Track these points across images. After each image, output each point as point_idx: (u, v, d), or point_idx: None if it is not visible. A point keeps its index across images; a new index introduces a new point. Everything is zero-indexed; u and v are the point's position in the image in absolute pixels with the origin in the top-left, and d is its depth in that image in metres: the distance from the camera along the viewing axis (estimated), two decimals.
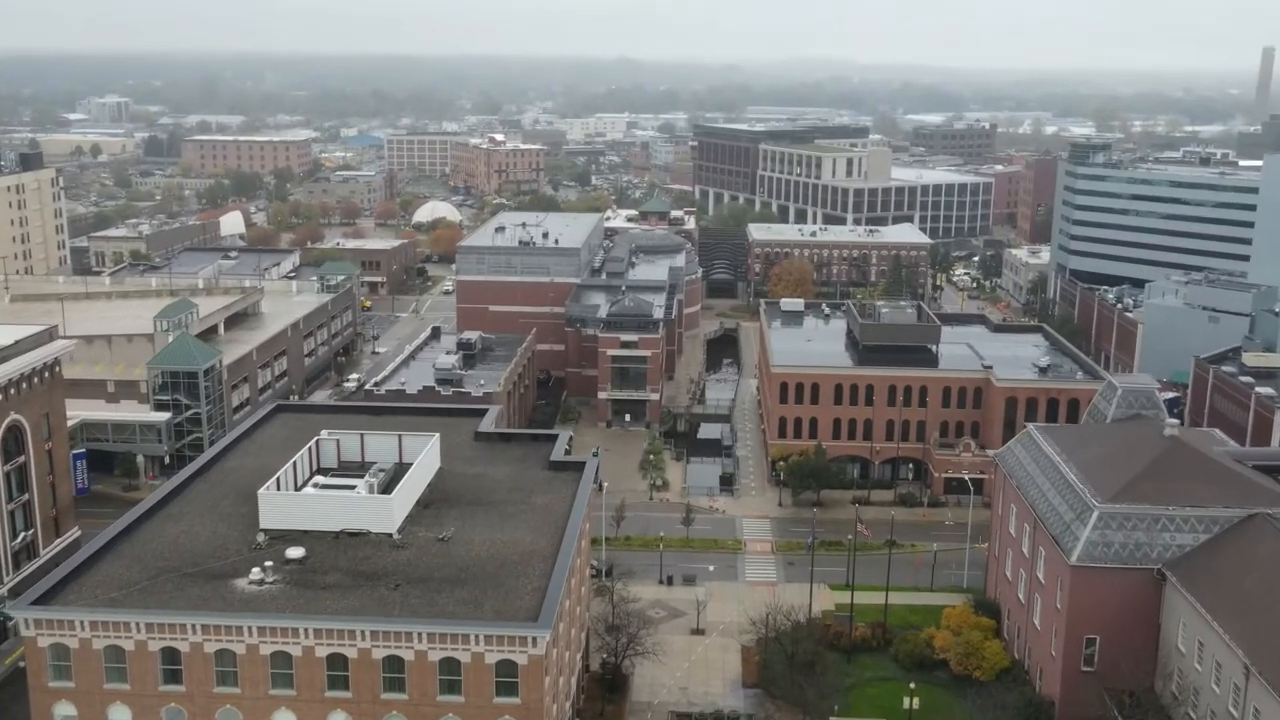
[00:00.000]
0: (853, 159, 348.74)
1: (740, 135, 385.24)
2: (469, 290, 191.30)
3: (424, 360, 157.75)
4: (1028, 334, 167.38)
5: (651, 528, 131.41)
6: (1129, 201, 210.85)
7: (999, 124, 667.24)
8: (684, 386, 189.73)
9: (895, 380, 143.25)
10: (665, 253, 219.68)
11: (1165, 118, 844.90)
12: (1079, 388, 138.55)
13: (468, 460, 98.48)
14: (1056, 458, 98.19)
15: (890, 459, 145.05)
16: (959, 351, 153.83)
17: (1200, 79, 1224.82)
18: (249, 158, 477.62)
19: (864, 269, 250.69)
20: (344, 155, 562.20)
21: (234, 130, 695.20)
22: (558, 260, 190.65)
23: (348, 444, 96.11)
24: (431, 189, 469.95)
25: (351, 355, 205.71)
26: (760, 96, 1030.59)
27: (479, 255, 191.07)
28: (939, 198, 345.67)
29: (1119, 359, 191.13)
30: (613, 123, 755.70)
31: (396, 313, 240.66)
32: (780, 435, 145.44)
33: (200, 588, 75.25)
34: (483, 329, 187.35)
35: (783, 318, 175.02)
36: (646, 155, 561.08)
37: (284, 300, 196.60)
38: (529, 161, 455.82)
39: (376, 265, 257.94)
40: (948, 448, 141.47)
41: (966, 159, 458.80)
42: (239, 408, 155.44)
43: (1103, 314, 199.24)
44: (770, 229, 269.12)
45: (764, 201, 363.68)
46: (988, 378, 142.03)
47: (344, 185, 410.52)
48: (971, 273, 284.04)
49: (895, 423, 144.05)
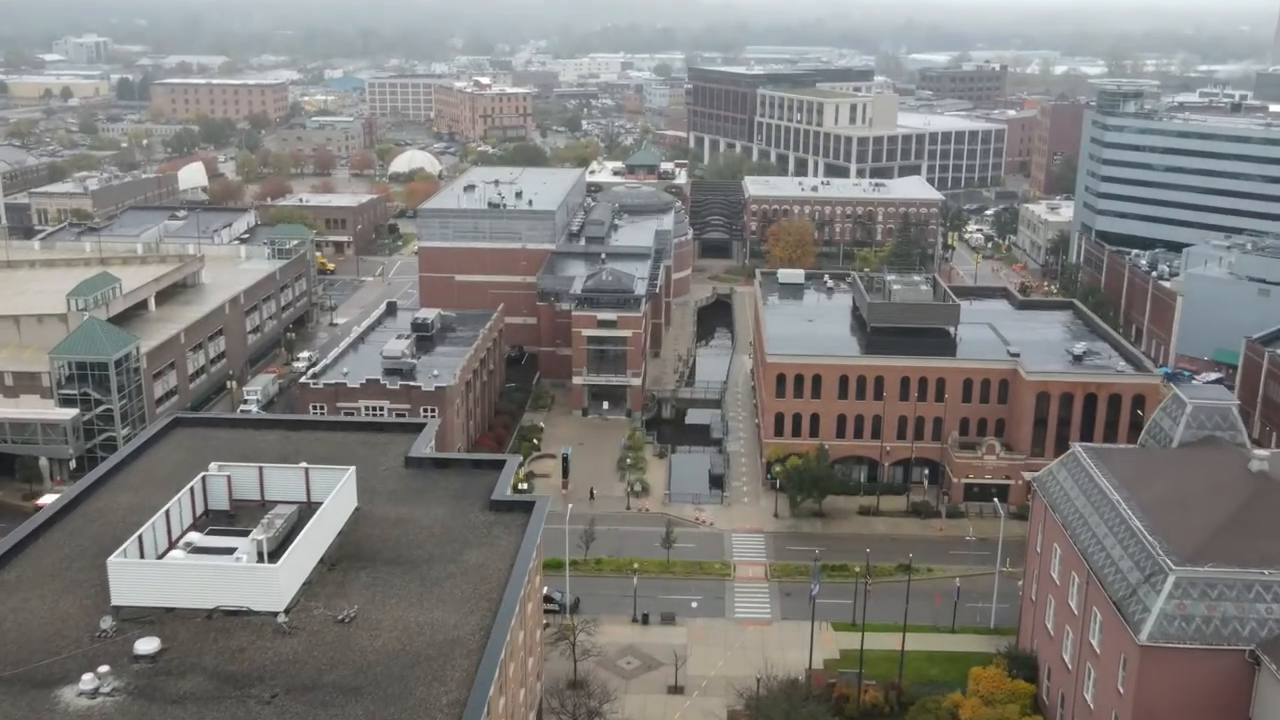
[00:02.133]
0: (856, 105, 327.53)
1: (738, 79, 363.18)
2: (432, 258, 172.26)
3: (374, 343, 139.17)
4: (1057, 311, 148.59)
5: (627, 546, 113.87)
6: (1164, 156, 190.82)
7: (1006, 64, 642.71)
8: (671, 364, 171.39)
9: (908, 371, 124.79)
10: (652, 213, 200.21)
11: (1178, 56, 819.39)
12: (1122, 382, 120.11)
13: (392, 497, 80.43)
14: (1114, 494, 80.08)
15: (902, 460, 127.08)
16: (980, 335, 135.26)
17: (1209, 15, 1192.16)
18: (222, 102, 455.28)
19: (869, 227, 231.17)
20: (325, 99, 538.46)
21: (214, 72, 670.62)
22: (531, 224, 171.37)
23: (243, 479, 77.94)
24: (414, 135, 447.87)
25: (307, 327, 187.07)
26: (759, 35, 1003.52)
27: (443, 219, 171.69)
28: (948, 146, 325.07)
29: (1153, 334, 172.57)
30: (607, 63, 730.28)
31: (361, 276, 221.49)
32: (777, 433, 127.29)
33: (14, 702, 57.45)
34: (448, 301, 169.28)
35: (780, 291, 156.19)
36: (640, 99, 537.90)
37: (230, 268, 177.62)
38: (516, 106, 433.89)
39: (342, 223, 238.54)
40: (968, 449, 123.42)
41: (976, 102, 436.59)
42: (165, 398, 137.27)
43: (1135, 282, 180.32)
44: (768, 183, 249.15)
45: (762, 150, 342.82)
46: (1015, 368, 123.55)
47: (320, 132, 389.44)
48: (985, 229, 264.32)
49: (908, 419, 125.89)
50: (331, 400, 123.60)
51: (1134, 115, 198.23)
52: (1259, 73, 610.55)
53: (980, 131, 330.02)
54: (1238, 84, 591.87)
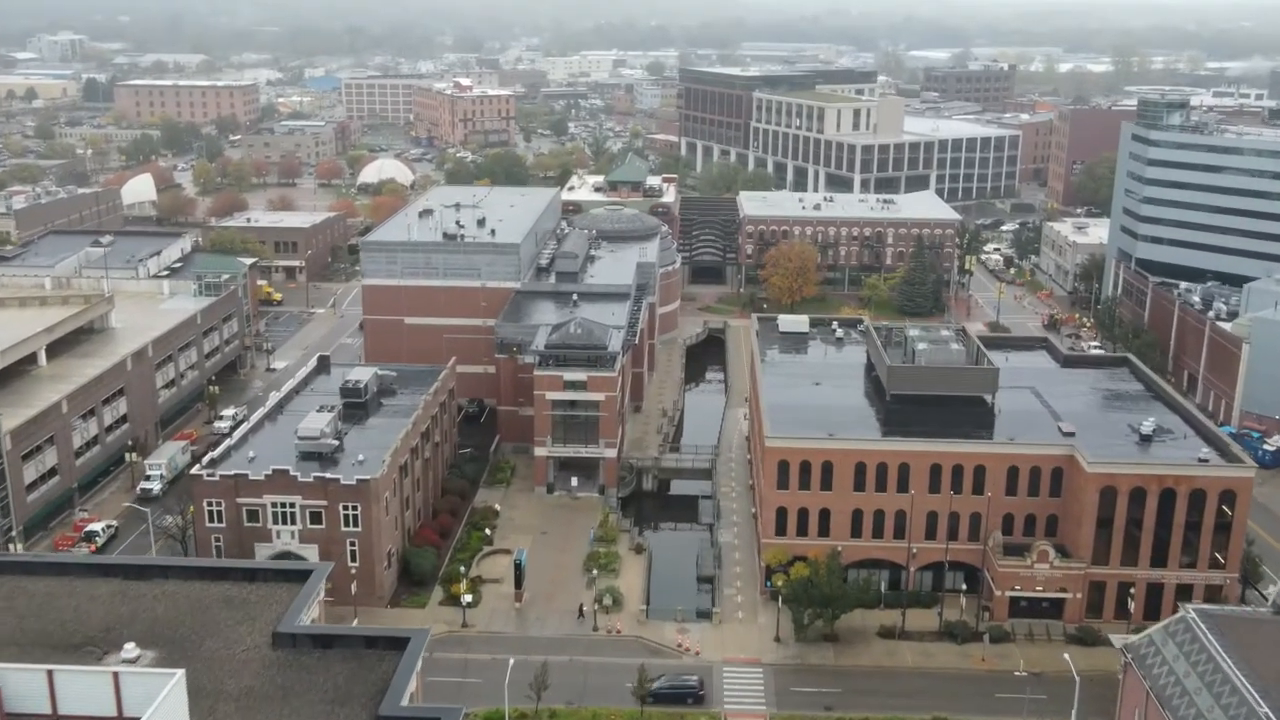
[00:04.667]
0: (860, 109, 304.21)
1: (732, 81, 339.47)
2: (378, 298, 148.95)
3: (296, 412, 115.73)
4: (1109, 369, 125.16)
5: (590, 690, 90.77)
6: (1216, 175, 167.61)
7: (1012, 62, 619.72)
8: (654, 421, 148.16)
9: (940, 457, 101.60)
10: (635, 239, 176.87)
11: (1186, 54, 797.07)
12: (1208, 475, 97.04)
13: (244, 703, 57.34)
14: (1248, 690, 57.05)
15: (932, 564, 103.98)
16: (1023, 404, 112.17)
17: (1210, 11, 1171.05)
18: (189, 105, 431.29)
19: (878, 250, 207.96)
20: (301, 100, 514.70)
21: (191, 71, 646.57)
22: (492, 259, 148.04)
23: (22, 687, 54.78)
24: (390, 140, 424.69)
25: (239, 375, 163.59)
26: (755, 31, 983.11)
27: (389, 253, 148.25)
28: (958, 154, 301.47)
29: (1210, 384, 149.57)
30: (598, 62, 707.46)
31: (311, 308, 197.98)
32: (778, 532, 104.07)
33: None
34: (396, 347, 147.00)
35: (780, 343, 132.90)
36: (631, 99, 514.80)
37: (149, 308, 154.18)
38: (498, 109, 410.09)
39: (293, 246, 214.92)
40: (1015, 554, 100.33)
41: (984, 104, 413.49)
42: (40, 481, 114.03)
43: (1187, 323, 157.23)
44: (765, 200, 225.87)
45: (759, 158, 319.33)
46: (1073, 454, 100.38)
47: (289, 138, 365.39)
48: (1003, 249, 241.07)
49: (940, 516, 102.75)
50: (230, 496, 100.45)
51: (1179, 128, 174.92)
52: (1274, 70, 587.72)
53: (993, 138, 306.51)
54: (1250, 83, 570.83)
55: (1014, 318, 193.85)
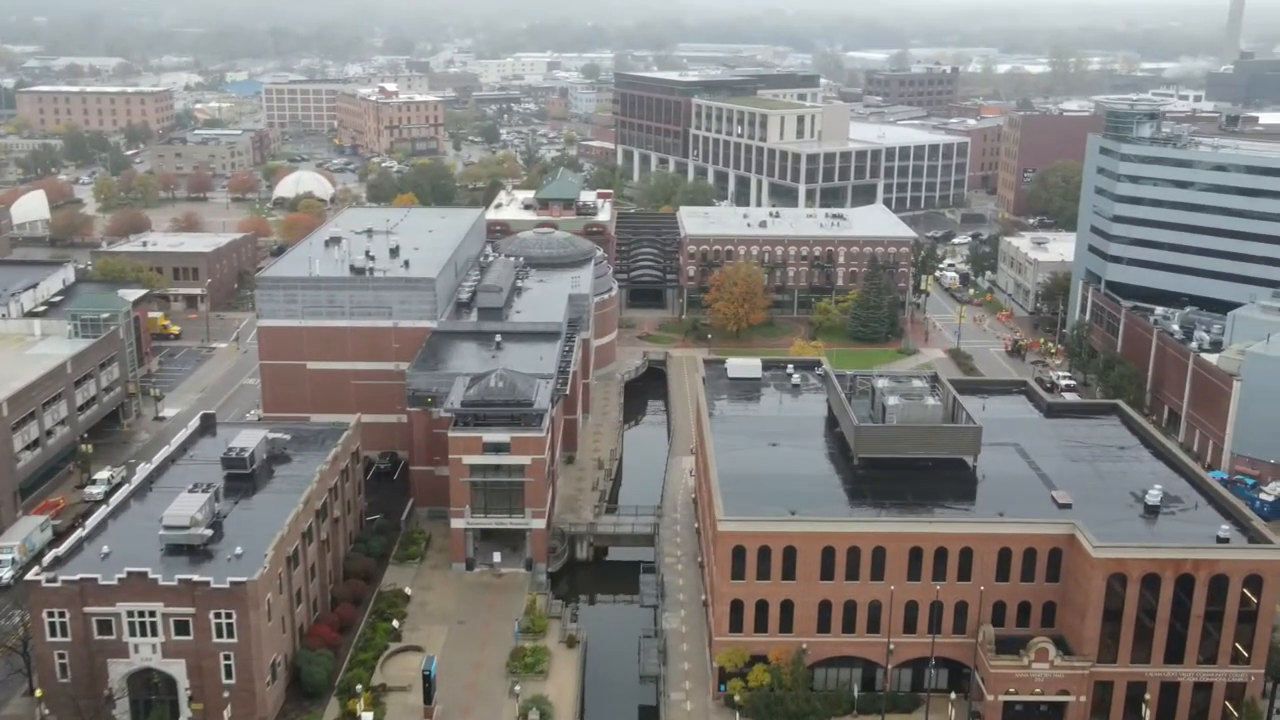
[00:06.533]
0: (804, 116, 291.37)
1: (671, 87, 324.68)
2: (276, 341, 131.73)
3: (167, 489, 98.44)
4: (1099, 418, 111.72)
5: None
6: (1196, 193, 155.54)
7: (949, 63, 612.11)
8: (589, 474, 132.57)
9: (921, 539, 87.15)
10: (567, 266, 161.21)
11: (1121, 54, 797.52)
12: (1231, 559, 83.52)
13: None
14: None
15: (912, 660, 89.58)
16: (1009, 466, 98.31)
17: (1138, 11, 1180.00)
18: (98, 112, 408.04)
19: (829, 271, 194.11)
20: (220, 106, 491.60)
21: (108, 75, 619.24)
22: (405, 296, 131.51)
23: None
24: (313, 148, 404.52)
25: (121, 427, 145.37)
26: (692, 32, 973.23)
27: (289, 290, 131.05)
28: (906, 162, 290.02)
29: (1195, 423, 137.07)
30: (532, 64, 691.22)
31: (212, 343, 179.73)
32: (733, 628, 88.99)
33: None
34: (297, 396, 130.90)
35: (730, 391, 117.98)
36: (565, 104, 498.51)
37: (15, 353, 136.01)
38: (426, 115, 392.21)
39: (194, 273, 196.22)
40: (1010, 651, 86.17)
41: (928, 108, 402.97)
42: None
43: (1167, 354, 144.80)
44: (708, 216, 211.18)
45: (699, 167, 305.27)
46: (1073, 533, 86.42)
47: (202, 148, 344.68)
48: (957, 265, 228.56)
49: (920, 605, 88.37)
50: (76, 605, 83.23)
51: (1151, 141, 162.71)
52: (1209, 72, 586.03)
53: (941, 145, 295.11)
54: (1186, 84, 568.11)
55: (975, 343, 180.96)
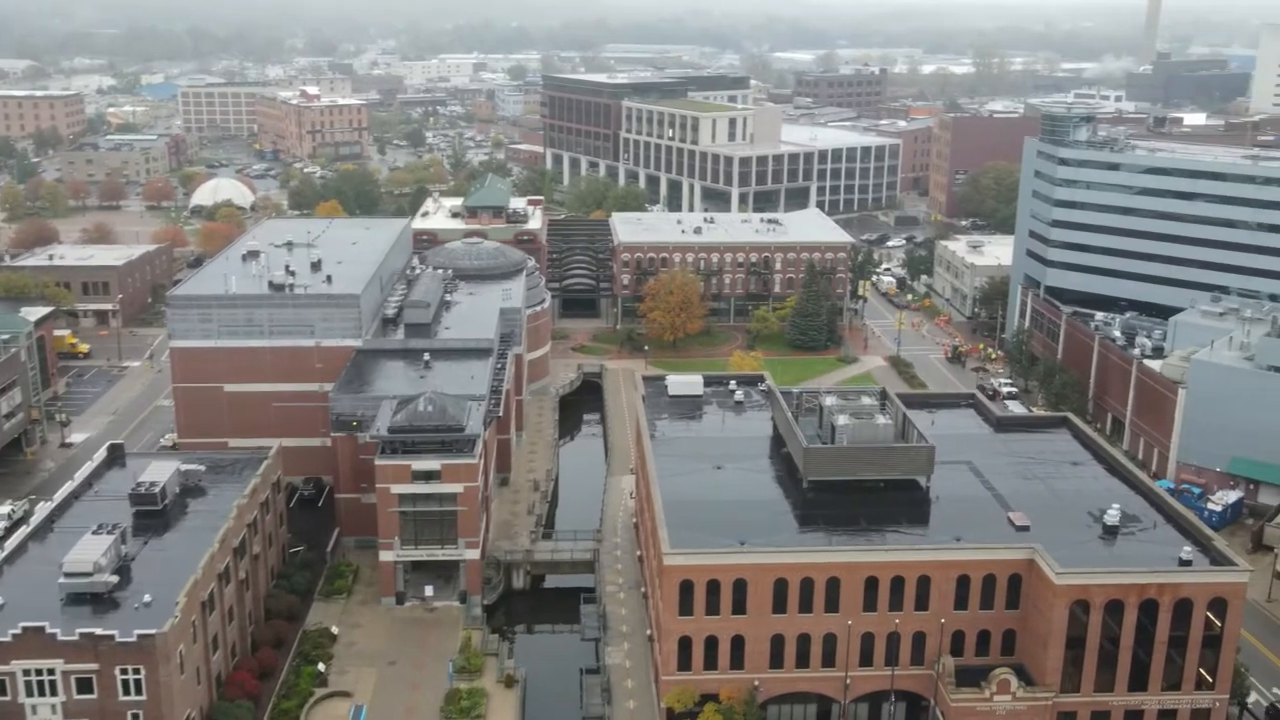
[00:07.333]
0: (735, 118, 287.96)
1: (599, 89, 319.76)
2: (190, 363, 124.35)
3: (70, 530, 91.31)
4: (1049, 432, 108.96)
5: None
6: (1133, 197, 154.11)
7: (874, 63, 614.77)
8: (524, 496, 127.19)
9: (877, 569, 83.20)
10: (498, 277, 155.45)
11: (1041, 55, 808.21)
12: (1195, 582, 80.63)
13: None
14: None
15: (870, 694, 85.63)
16: (963, 486, 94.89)
17: (1055, 12, 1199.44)
18: (3, 117, 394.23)
19: (765, 278, 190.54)
20: (135, 110, 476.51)
21: (16, 78, 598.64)
22: (328, 313, 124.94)
23: None
24: (232, 154, 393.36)
25: (23, 457, 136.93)
26: (618, 33, 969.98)
27: (203, 309, 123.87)
28: (838, 164, 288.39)
29: (1140, 430, 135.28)
30: (458, 66, 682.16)
31: (124, 361, 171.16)
32: (681, 667, 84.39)
33: None
34: (214, 421, 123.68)
35: (670, 410, 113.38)
36: (492, 106, 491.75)
37: None
38: (349, 119, 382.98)
39: (104, 287, 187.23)
40: (970, 683, 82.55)
41: (858, 109, 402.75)
42: None
43: (1110, 360, 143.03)
44: (641, 223, 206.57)
45: (629, 170, 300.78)
46: (1033, 558, 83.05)
47: (116, 154, 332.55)
48: (894, 269, 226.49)
49: (876, 637, 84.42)
50: None
51: (1088, 144, 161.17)
52: (1129, 73, 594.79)
53: (874, 147, 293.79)
54: (1106, 84, 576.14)
55: (915, 349, 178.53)
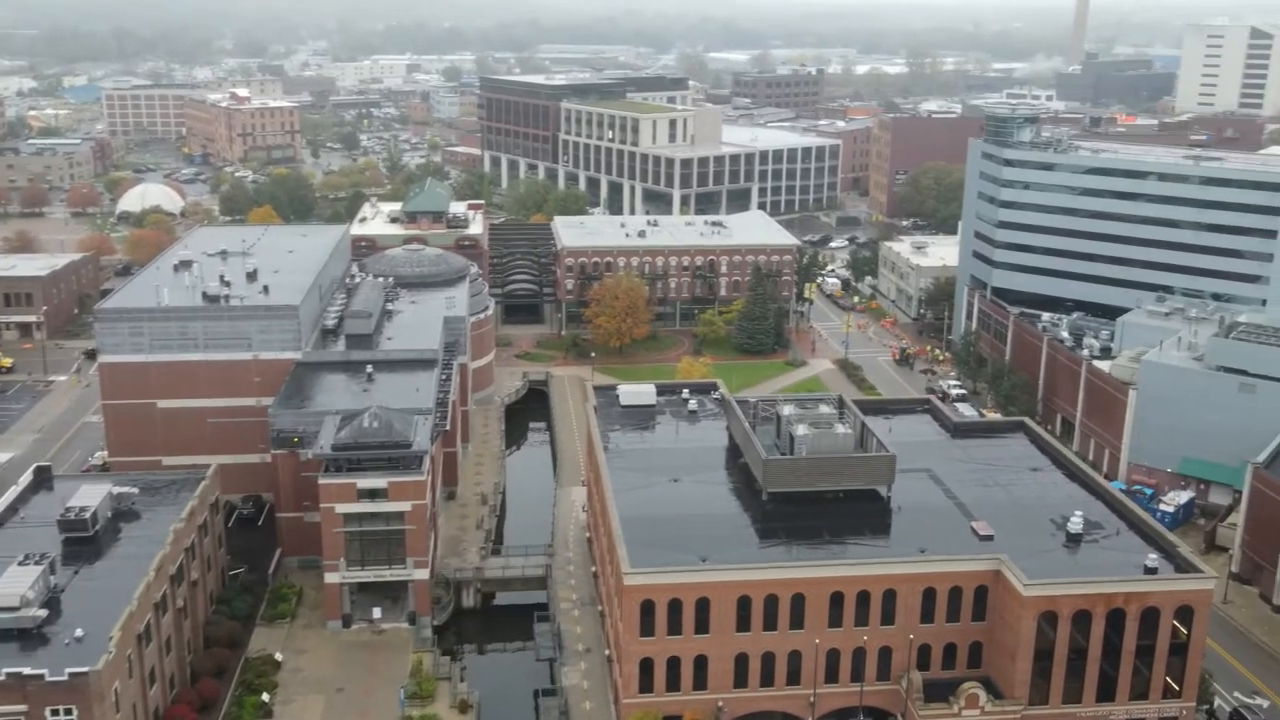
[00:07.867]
0: (675, 120, 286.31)
1: (537, 90, 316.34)
2: (121, 379, 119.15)
3: None
4: (1005, 437, 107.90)
5: None
6: (1078, 197, 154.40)
7: (808, 63, 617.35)
8: (472, 510, 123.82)
9: (842, 583, 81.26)
10: (440, 285, 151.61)
11: (972, 55, 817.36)
12: (1162, 590, 79.65)
13: None
14: None
15: (836, 711, 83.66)
16: (924, 495, 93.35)
17: (984, 13, 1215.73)
18: None
19: (711, 281, 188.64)
20: (57, 114, 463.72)
21: None
22: (265, 325, 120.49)
23: None
24: (160, 158, 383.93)
25: None
26: (552, 34, 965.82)
27: (134, 323, 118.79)
28: (779, 165, 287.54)
29: (1090, 432, 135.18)
30: (391, 67, 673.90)
31: (50, 376, 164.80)
32: (643, 688, 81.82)
33: None
34: (147, 439, 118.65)
35: (623, 420, 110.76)
36: (428, 108, 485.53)
37: None
38: (281, 122, 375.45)
39: (27, 298, 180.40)
40: (939, 698, 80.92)
41: (796, 110, 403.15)
42: None
43: (1058, 361, 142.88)
44: (584, 226, 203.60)
45: (569, 173, 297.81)
46: (999, 569, 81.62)
47: (37, 159, 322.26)
48: (838, 270, 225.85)
49: (842, 653, 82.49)
50: None
51: (1032, 145, 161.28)
52: (1059, 73, 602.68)
53: (814, 148, 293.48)
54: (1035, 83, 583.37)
55: (862, 352, 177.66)
